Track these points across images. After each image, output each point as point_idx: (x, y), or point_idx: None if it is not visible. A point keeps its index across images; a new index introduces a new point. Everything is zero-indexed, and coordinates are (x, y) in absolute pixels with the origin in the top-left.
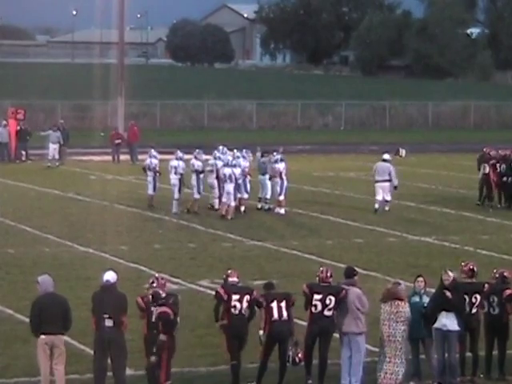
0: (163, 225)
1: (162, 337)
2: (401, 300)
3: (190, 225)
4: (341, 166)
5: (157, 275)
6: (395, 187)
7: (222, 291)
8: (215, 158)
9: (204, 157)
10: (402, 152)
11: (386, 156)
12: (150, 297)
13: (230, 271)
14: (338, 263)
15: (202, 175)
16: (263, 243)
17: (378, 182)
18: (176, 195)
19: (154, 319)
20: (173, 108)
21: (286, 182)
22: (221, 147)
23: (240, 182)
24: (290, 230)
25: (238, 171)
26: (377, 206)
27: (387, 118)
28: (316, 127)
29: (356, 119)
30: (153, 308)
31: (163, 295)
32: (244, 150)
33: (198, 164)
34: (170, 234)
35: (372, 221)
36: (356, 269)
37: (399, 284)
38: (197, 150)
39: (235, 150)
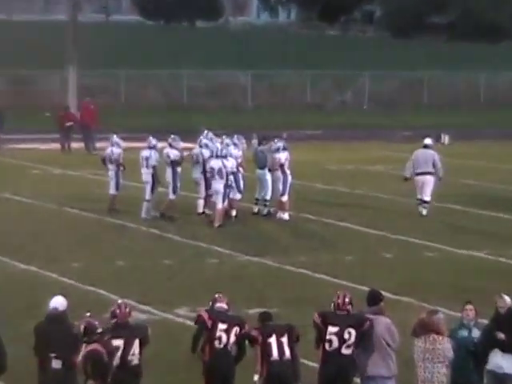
0: (129, 234)
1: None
2: (438, 334)
3: (165, 234)
4: (363, 157)
5: (120, 301)
6: (440, 178)
7: (205, 316)
8: (201, 146)
9: (181, 144)
10: (445, 138)
11: (428, 141)
12: (82, 328)
13: (218, 295)
14: (360, 285)
15: (179, 168)
16: (260, 259)
17: (418, 174)
18: (147, 195)
19: (80, 358)
20: (142, 81)
21: (289, 178)
22: (206, 132)
23: (231, 177)
24: (297, 241)
25: (229, 163)
26: (422, 210)
27: (424, 93)
28: (331, 106)
29: (383, 95)
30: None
31: (99, 329)
32: (236, 136)
33: (173, 154)
34: (137, 247)
35: (404, 229)
36: (382, 293)
37: (436, 312)
38: (172, 136)
39: (224, 137)
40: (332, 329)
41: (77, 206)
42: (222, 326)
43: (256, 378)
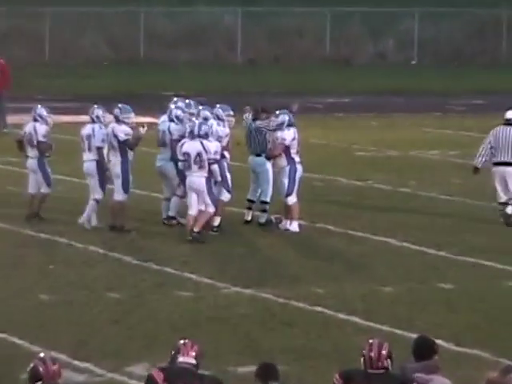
0: (59, 253)
1: None
2: None
3: (111, 254)
4: (410, 138)
5: (42, 355)
6: None
7: (159, 377)
8: (171, 120)
9: (133, 117)
10: None
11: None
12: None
13: (182, 342)
14: (405, 330)
15: (130, 154)
16: (256, 291)
17: (498, 164)
18: (97, 194)
19: None
20: (78, 23)
21: (299, 169)
22: (175, 99)
23: (215, 168)
24: (310, 264)
25: (212, 147)
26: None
27: (503, 41)
28: (361, 60)
29: (441, 45)
30: None
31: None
32: (218, 106)
33: (122, 131)
34: (71, 273)
35: (473, 247)
36: (437, 341)
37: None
38: (120, 106)
39: (201, 107)
40: None
41: None
42: None
43: None
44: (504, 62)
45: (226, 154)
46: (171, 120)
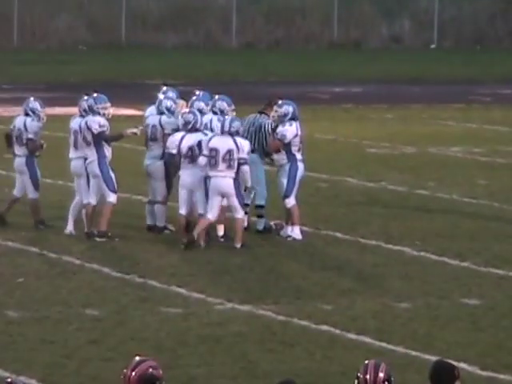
0: (30, 264)
1: None
2: None
3: (89, 265)
4: (427, 133)
5: (9, 380)
6: None
7: None
8: (161, 113)
9: (109, 106)
10: None
11: None
12: None
13: (138, 359)
14: (422, 352)
15: (107, 150)
16: (254, 307)
17: None
18: (91, 198)
19: None
20: (48, 1)
21: (300, 168)
22: (164, 88)
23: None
24: (316, 276)
25: (247, 145)
26: None
27: None
28: (373, 43)
29: (464, 26)
30: None
31: None
32: (219, 98)
33: (97, 122)
34: (43, 287)
35: (500, 256)
36: (459, 365)
37: None
38: (95, 95)
39: (195, 97)
40: None
41: None
42: None
43: None
44: None
45: None
46: (161, 112)
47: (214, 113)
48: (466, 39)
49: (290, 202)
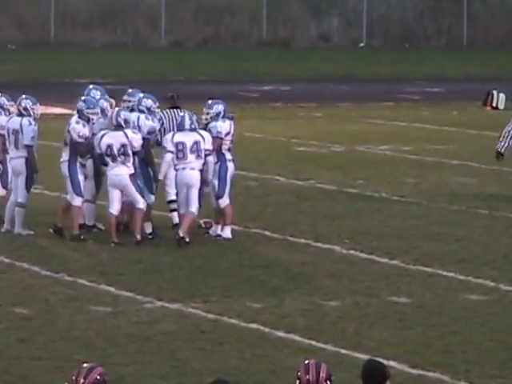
0: None
1: None
2: None
3: (19, 264)
4: (356, 131)
5: None
6: None
7: None
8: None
9: (38, 109)
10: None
11: None
12: None
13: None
14: (350, 350)
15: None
16: (183, 306)
17: None
18: (20, 197)
19: None
20: None
21: (230, 167)
22: (90, 87)
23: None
24: (244, 275)
25: (136, 140)
26: None
27: (464, 19)
28: (302, 42)
29: (393, 24)
30: None
31: None
32: (144, 96)
33: (78, 131)
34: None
35: (429, 254)
36: (390, 364)
37: None
38: (23, 97)
39: (127, 96)
40: None
41: None
42: None
43: None
44: (464, 43)
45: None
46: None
47: (141, 111)
48: (394, 38)
49: (224, 201)
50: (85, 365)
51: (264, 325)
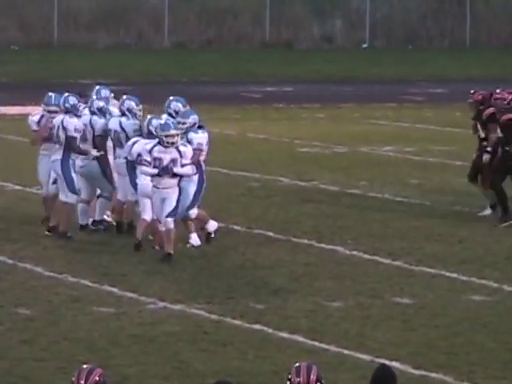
0: None
1: None
2: None
3: (21, 265)
4: (359, 132)
5: None
6: None
7: None
8: (92, 113)
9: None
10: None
11: None
12: None
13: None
14: (353, 351)
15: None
16: (186, 307)
17: None
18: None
19: None
20: None
21: (205, 180)
22: (97, 87)
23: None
24: (248, 275)
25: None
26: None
27: (467, 21)
28: (305, 43)
29: (397, 25)
30: None
31: None
32: (126, 98)
33: (74, 125)
34: None
35: (432, 255)
36: (393, 364)
37: None
38: (125, 97)
39: (124, 97)
40: None
41: None
42: None
43: None
44: (467, 45)
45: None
46: (92, 113)
47: (123, 113)
48: (397, 39)
49: (195, 212)
50: (84, 366)
51: (267, 326)
